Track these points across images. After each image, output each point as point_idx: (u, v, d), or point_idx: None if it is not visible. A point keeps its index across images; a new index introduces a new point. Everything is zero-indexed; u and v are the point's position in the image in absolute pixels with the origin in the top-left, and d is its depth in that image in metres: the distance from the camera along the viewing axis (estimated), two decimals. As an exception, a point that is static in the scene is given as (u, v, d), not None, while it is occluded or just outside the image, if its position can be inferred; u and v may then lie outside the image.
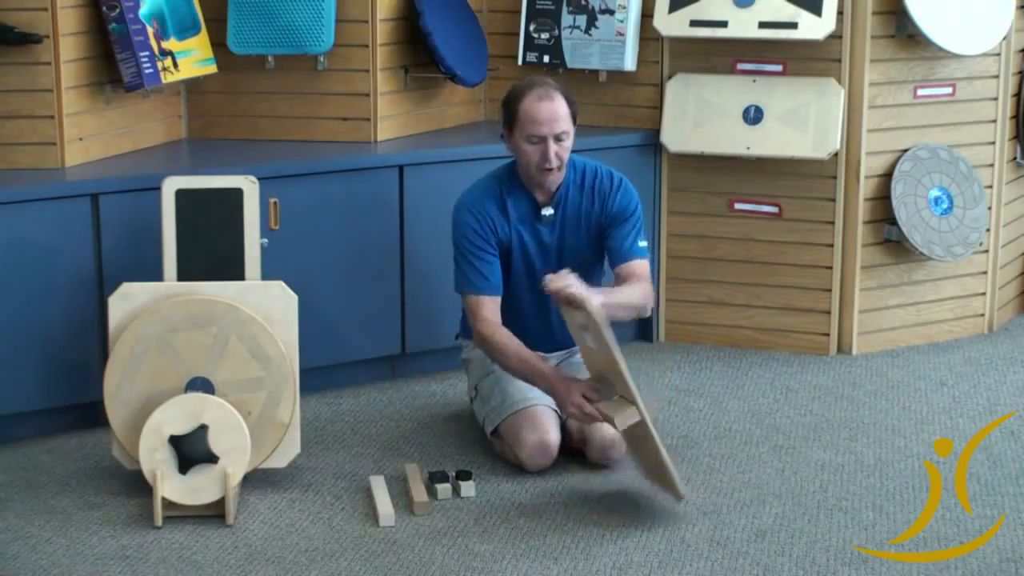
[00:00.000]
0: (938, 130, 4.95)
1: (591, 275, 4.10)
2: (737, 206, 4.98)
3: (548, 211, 3.98)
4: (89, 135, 4.37)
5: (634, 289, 3.89)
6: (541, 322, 4.09)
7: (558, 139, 3.86)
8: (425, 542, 3.48)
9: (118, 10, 4.30)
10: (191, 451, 3.56)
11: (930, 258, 4.90)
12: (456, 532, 3.54)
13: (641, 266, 3.97)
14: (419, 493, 3.69)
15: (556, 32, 5.03)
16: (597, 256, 4.08)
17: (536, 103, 3.85)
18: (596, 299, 3.56)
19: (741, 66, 4.91)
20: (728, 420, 4.34)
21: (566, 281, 3.60)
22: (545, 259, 4.02)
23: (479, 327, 3.91)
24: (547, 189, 3.96)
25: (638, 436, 3.63)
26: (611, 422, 3.61)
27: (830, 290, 4.93)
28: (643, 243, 4.00)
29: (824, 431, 4.24)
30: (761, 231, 4.96)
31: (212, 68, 4.70)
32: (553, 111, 3.85)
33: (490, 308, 3.92)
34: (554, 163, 3.86)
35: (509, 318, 4.09)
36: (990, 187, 5.07)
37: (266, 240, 4.06)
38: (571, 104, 3.91)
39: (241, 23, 4.69)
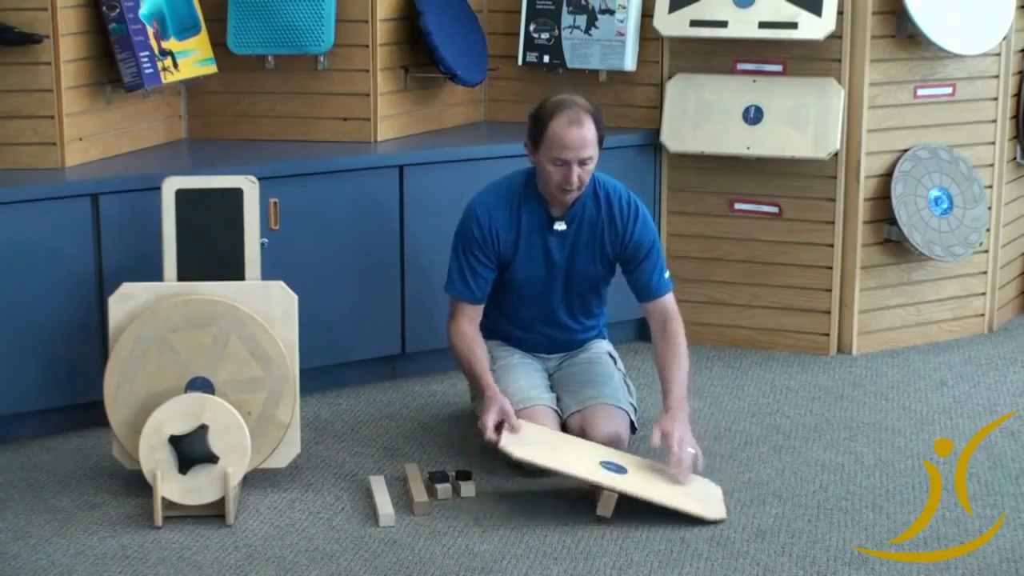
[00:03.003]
0: (938, 130, 4.95)
1: (597, 292, 4.12)
2: (737, 206, 4.98)
3: (561, 226, 3.98)
4: (89, 135, 4.37)
5: (680, 355, 3.96)
6: (541, 330, 4.13)
7: (582, 163, 3.84)
8: (425, 542, 3.48)
9: (118, 10, 4.30)
10: (191, 451, 3.56)
11: (930, 258, 4.90)
12: (456, 532, 3.54)
13: (671, 303, 4.01)
14: (419, 493, 3.69)
15: (556, 32, 5.02)
16: (607, 275, 4.09)
17: (566, 128, 3.81)
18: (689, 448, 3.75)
19: (741, 66, 4.90)
20: (728, 420, 4.34)
21: (686, 460, 3.71)
22: (552, 273, 4.02)
23: (452, 329, 4.02)
24: (564, 204, 3.96)
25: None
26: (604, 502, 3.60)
27: (830, 290, 4.93)
28: (667, 274, 4.03)
29: (824, 431, 4.24)
30: (761, 231, 4.96)
31: (212, 68, 4.70)
32: (582, 137, 3.81)
33: (468, 315, 4.01)
34: (575, 185, 3.86)
35: (511, 321, 4.11)
36: (990, 187, 5.07)
37: (266, 240, 4.06)
38: (599, 128, 3.88)
39: (241, 23, 4.69)
